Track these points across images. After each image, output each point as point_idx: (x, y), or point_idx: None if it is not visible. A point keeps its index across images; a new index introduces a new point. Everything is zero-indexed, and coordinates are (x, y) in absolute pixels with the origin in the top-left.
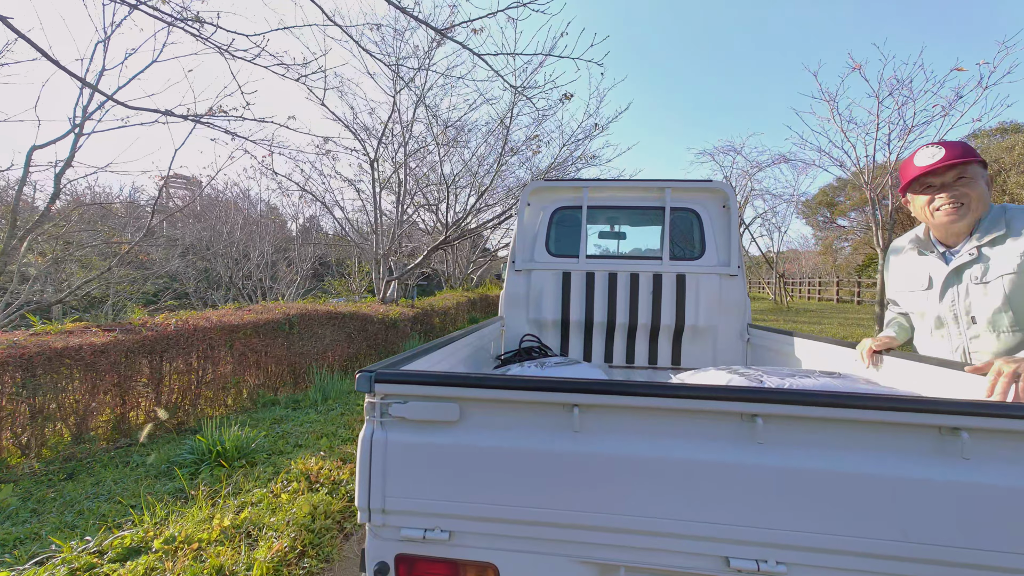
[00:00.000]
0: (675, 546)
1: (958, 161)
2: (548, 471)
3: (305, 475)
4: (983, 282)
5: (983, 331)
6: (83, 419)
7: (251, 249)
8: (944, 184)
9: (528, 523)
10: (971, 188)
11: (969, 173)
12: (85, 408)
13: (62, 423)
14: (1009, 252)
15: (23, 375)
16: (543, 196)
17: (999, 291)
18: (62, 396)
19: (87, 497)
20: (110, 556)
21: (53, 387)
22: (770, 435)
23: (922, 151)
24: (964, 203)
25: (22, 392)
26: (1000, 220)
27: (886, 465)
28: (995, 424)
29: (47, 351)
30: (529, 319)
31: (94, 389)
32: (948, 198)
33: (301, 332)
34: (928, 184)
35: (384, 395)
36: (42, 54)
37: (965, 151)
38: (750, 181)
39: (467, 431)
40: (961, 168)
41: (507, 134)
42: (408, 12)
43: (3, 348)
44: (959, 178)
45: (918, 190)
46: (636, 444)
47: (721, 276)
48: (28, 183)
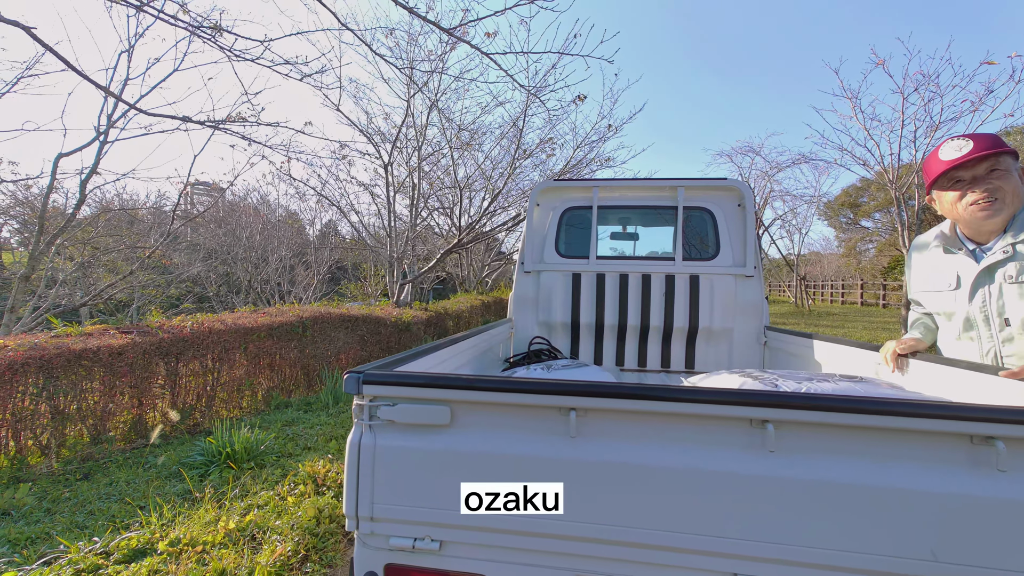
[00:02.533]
0: (678, 561)
1: (990, 152)
2: (543, 479)
3: (312, 478)
4: (1018, 281)
5: (1017, 333)
6: (101, 420)
7: (270, 253)
8: (976, 178)
9: (522, 534)
10: (1005, 181)
11: (1002, 165)
12: (103, 409)
13: (81, 423)
14: None
15: (43, 376)
16: (552, 196)
17: None
18: (80, 397)
19: (99, 497)
20: (116, 557)
21: (72, 388)
22: (782, 443)
23: (947, 144)
24: (998, 197)
25: (42, 393)
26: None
27: (911, 478)
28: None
29: (66, 353)
30: (539, 321)
31: (111, 390)
32: (981, 192)
33: (314, 335)
34: (958, 179)
35: (373, 397)
36: (68, 65)
37: (995, 142)
38: (770, 182)
39: (459, 435)
40: (993, 160)
41: (520, 136)
42: (416, 12)
43: (23, 350)
44: (992, 170)
45: (946, 186)
46: (637, 451)
47: (736, 277)
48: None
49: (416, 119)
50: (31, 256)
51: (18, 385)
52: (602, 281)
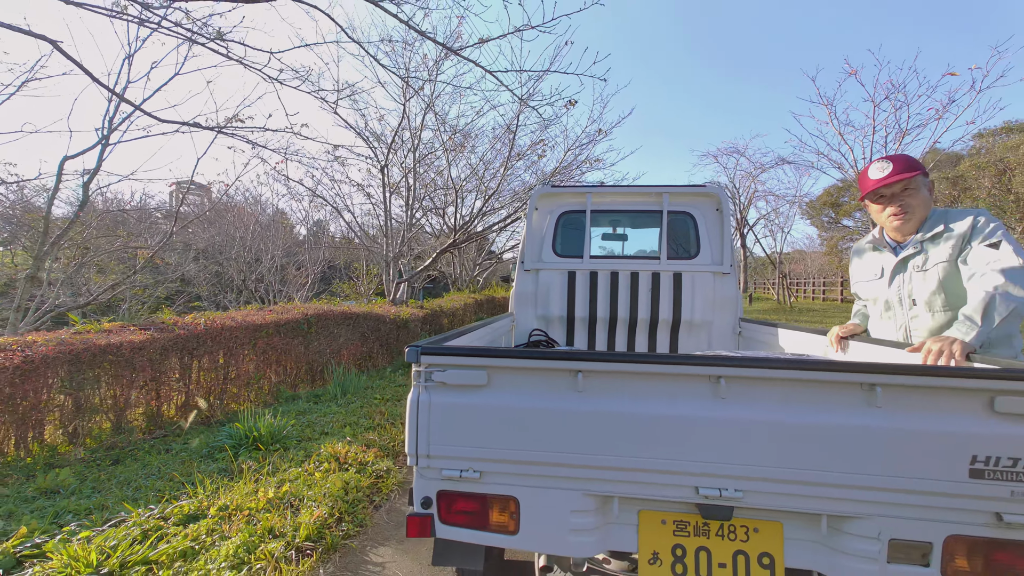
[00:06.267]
0: (657, 480)
1: (903, 176)
2: (557, 423)
3: (334, 457)
4: (923, 269)
5: (921, 311)
6: (122, 411)
7: (263, 253)
8: (894, 194)
9: (542, 464)
10: (914, 198)
11: (913, 184)
12: (125, 401)
13: (103, 415)
14: (944, 246)
15: (71, 370)
16: (550, 201)
17: (935, 277)
18: (104, 390)
19: (140, 477)
20: (173, 520)
21: (96, 381)
22: (731, 392)
23: (874, 165)
24: (908, 211)
25: (70, 386)
26: (940, 220)
27: (821, 413)
28: (899, 380)
29: (92, 348)
30: (537, 315)
31: (132, 384)
32: (897, 207)
33: (318, 331)
34: (881, 195)
35: (428, 365)
36: (78, 66)
37: (909, 165)
38: (754, 182)
39: (493, 393)
40: (906, 181)
41: (513, 139)
42: (415, 28)
43: (53, 345)
44: (905, 189)
45: (873, 199)
46: (627, 402)
47: (715, 274)
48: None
49: (412, 121)
50: (36, 257)
51: (49, 378)
52: (595, 278)
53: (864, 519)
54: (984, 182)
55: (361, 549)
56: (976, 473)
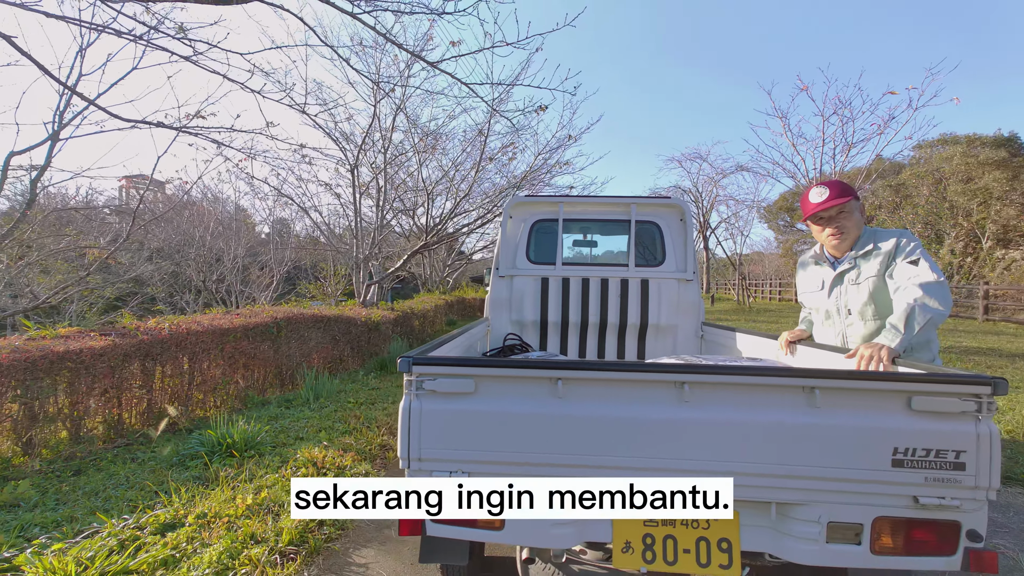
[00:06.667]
0: (627, 474)
1: (838, 202)
2: (539, 426)
3: (312, 462)
4: (856, 283)
5: (855, 320)
6: (81, 420)
7: (224, 253)
8: (830, 217)
9: (527, 464)
10: (848, 220)
11: (847, 208)
12: (84, 410)
13: (61, 424)
14: (873, 262)
15: (26, 378)
16: (524, 210)
17: (866, 290)
18: (62, 398)
19: (108, 487)
20: (149, 530)
21: (53, 390)
22: (694, 396)
23: (813, 191)
24: (844, 232)
25: (25, 395)
26: (870, 239)
27: (770, 413)
28: (833, 384)
29: (49, 355)
30: (512, 320)
31: (91, 391)
32: (833, 229)
33: (288, 335)
34: (820, 217)
35: (419, 374)
36: (31, 60)
37: (843, 191)
38: (716, 187)
39: (480, 399)
40: (841, 205)
41: (485, 143)
42: (392, 39)
43: (7, 352)
44: (840, 212)
45: (814, 221)
46: (603, 406)
47: (679, 281)
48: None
49: (382, 122)
50: None
51: (3, 387)
52: (567, 284)
53: (807, 505)
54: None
55: (344, 551)
56: (897, 463)
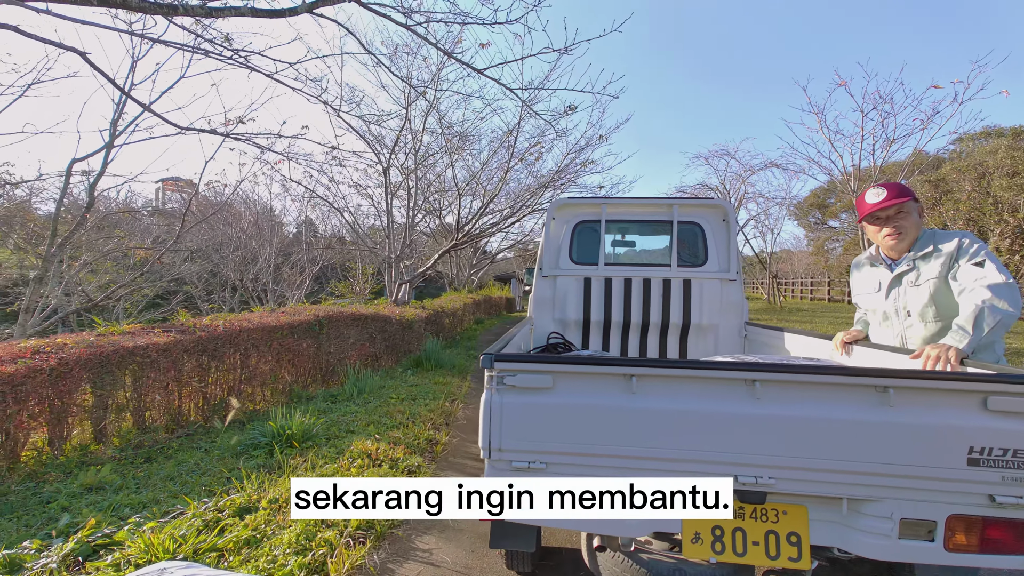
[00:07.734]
0: (700, 470)
1: (896, 201)
2: (613, 420)
3: (366, 454)
4: (916, 285)
5: (915, 321)
6: (144, 412)
7: (258, 252)
8: (888, 217)
9: (600, 455)
10: (907, 220)
11: (906, 208)
12: (150, 401)
13: (129, 414)
14: (934, 263)
15: (100, 371)
16: (567, 211)
17: (927, 291)
18: (130, 391)
19: (182, 473)
20: (228, 512)
21: (123, 382)
22: (765, 394)
23: (871, 191)
24: (902, 232)
25: (99, 386)
26: (930, 241)
27: (842, 411)
28: (909, 383)
29: (120, 350)
30: (555, 319)
31: (156, 384)
32: (891, 229)
33: (329, 332)
34: (877, 217)
35: (500, 370)
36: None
37: (901, 191)
38: (744, 184)
39: (558, 394)
40: (899, 205)
41: (514, 143)
42: (441, 47)
43: (84, 347)
44: (898, 212)
45: (870, 221)
46: (675, 400)
47: (722, 281)
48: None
49: (412, 124)
50: (44, 258)
51: (81, 379)
52: (609, 284)
53: (879, 501)
54: (964, 185)
55: (407, 537)
56: (973, 461)
